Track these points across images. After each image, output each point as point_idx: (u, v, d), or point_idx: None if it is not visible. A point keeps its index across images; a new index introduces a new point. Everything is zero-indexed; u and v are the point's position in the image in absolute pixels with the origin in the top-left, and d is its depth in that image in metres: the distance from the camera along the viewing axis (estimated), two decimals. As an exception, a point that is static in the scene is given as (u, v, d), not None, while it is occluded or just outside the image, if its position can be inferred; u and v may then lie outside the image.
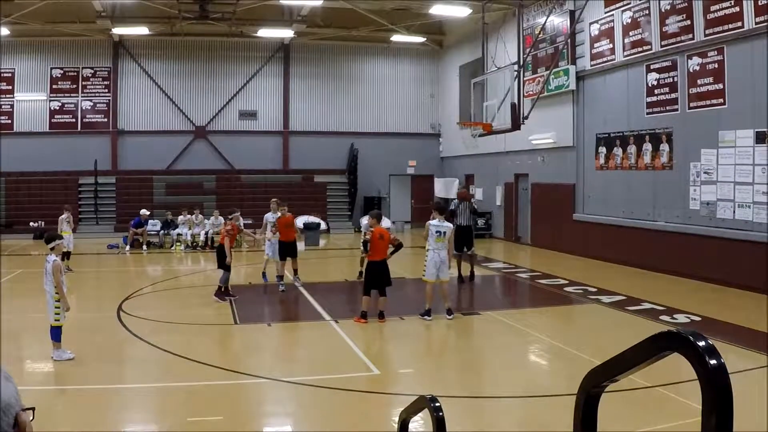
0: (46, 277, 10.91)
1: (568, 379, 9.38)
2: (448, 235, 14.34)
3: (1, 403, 1.80)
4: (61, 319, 10.81)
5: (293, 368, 11.03)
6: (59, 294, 10.76)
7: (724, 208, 17.95)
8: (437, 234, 14.20)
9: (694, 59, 18.85)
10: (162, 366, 10.89)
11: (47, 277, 10.86)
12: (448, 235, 14.34)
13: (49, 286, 10.82)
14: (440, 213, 14.59)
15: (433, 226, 14.28)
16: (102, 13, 30.09)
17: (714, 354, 1.89)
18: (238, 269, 20.85)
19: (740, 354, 10.89)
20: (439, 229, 14.24)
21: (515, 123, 21.82)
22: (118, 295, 16.64)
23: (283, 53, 36.38)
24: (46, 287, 10.93)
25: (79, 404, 9.14)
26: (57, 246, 11.12)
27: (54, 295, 10.79)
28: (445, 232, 14.30)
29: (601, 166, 23.42)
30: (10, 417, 1.81)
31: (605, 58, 22.83)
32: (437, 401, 4.00)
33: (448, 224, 14.61)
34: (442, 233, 14.24)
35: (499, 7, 27.43)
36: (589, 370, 2.36)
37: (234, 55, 36.02)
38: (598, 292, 17.22)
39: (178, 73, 35.46)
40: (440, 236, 14.20)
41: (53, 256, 10.98)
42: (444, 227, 14.33)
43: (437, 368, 11.46)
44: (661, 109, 20.34)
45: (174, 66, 35.45)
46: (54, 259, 10.93)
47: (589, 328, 14.20)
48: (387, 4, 30.46)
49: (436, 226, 14.27)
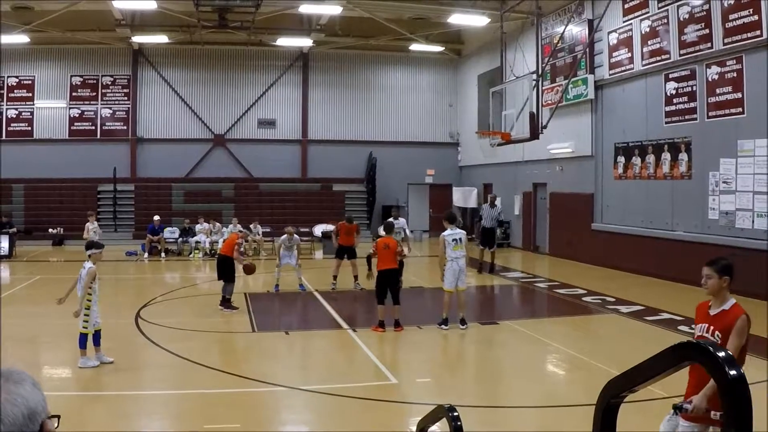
0: (79, 283, 11.00)
1: (586, 389, 9.34)
2: (464, 241, 14.28)
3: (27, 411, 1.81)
4: (90, 327, 10.86)
5: (310, 376, 11.03)
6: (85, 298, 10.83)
7: (743, 218, 17.85)
8: (454, 242, 14.11)
9: (713, 68, 18.78)
10: (179, 373, 10.93)
11: (80, 283, 10.95)
12: (464, 242, 14.28)
13: (82, 292, 10.90)
14: (451, 222, 14.54)
15: (448, 236, 14.19)
16: (122, 22, 30.29)
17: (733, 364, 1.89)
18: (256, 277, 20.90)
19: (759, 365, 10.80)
20: (454, 237, 14.17)
21: (534, 132, 21.81)
22: (136, 302, 16.73)
23: (302, 62, 36.46)
24: (79, 293, 11.01)
25: (97, 410, 9.18)
26: (94, 254, 11.20)
27: (85, 302, 10.85)
28: (461, 238, 14.23)
29: (620, 175, 23.34)
30: (36, 424, 1.82)
31: (624, 67, 22.77)
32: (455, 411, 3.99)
33: (461, 231, 14.53)
34: (459, 240, 14.17)
35: (517, 16, 27.41)
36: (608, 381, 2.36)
37: (253, 64, 36.14)
38: (617, 302, 17.15)
39: (197, 82, 35.61)
40: (457, 244, 14.12)
41: (90, 263, 11.07)
42: (458, 234, 14.26)
43: (455, 377, 11.44)
44: (679, 119, 20.26)
45: (193, 74, 35.60)
46: (90, 266, 11.01)
47: (608, 338, 14.12)
48: (406, 13, 30.53)
49: (451, 235, 14.20)
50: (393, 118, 37.48)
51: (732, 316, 5.54)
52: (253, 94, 36.11)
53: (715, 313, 5.69)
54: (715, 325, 5.62)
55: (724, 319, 5.56)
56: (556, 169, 27.51)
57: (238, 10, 28.81)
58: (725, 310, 5.64)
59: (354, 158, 36.37)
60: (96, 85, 34.60)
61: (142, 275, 23.69)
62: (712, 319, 5.68)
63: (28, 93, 33.96)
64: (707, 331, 5.64)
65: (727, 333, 5.46)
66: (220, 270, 16.42)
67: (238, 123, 35.98)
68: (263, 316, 15.77)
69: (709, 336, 5.58)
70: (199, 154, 35.46)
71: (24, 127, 33.89)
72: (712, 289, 5.71)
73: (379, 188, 35.89)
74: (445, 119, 38.17)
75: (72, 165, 33.30)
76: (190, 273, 24.22)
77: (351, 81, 37.12)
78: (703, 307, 5.86)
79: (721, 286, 5.69)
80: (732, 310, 5.61)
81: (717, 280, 5.69)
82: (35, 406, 1.83)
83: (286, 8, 29.28)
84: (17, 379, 1.87)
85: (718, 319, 5.64)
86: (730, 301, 5.69)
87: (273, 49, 35.12)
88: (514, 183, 31.10)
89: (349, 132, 37.09)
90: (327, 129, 36.88)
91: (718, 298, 5.73)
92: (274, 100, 36.42)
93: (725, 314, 5.60)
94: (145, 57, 34.99)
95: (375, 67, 37.42)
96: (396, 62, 37.43)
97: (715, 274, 5.70)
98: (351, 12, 29.41)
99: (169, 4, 28.67)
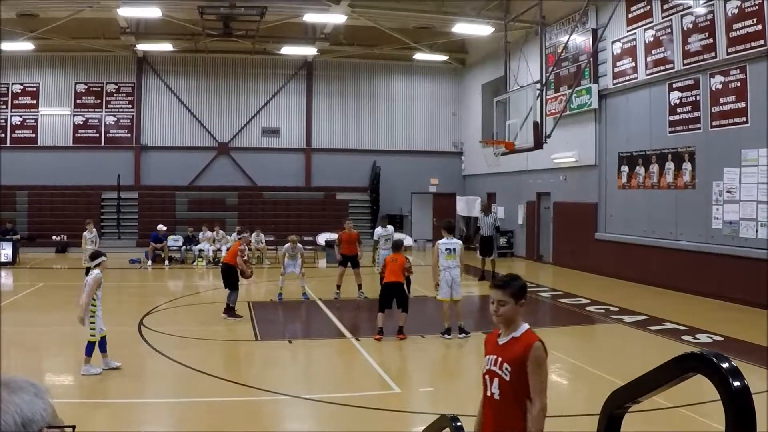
0: (84, 290, 11.06)
1: (589, 399, 9.33)
2: (458, 251, 14.16)
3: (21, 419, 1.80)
4: (96, 335, 10.89)
5: (313, 385, 11.03)
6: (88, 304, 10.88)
7: (746, 228, 17.83)
8: (447, 252, 14.05)
9: (717, 78, 18.79)
10: (182, 381, 10.93)
11: (85, 290, 11.00)
12: (458, 252, 14.15)
13: (87, 298, 10.94)
14: (449, 232, 14.55)
15: (442, 245, 14.17)
16: (126, 29, 30.37)
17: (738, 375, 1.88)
18: (260, 285, 20.89)
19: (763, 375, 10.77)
20: (448, 246, 14.11)
21: (537, 142, 21.80)
22: (139, 309, 16.71)
23: (306, 71, 36.54)
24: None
25: (99, 418, 9.17)
26: (103, 263, 11.32)
27: (90, 309, 10.89)
28: (455, 248, 14.14)
29: (624, 185, 23.33)
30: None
31: (628, 77, 22.79)
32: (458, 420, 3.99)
33: (457, 241, 14.49)
34: (452, 250, 14.08)
35: (521, 25, 27.42)
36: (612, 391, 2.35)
37: (257, 72, 36.23)
38: (620, 311, 17.11)
39: (201, 90, 35.70)
40: (450, 253, 14.03)
41: (97, 270, 11.15)
42: (453, 244, 14.21)
43: (458, 387, 11.41)
44: (683, 128, 20.26)
45: (197, 82, 35.69)
46: (96, 273, 11.09)
47: (611, 348, 14.09)
48: (410, 22, 30.60)
49: (445, 244, 14.16)
50: (397, 127, 37.52)
51: (523, 345, 4.60)
52: (257, 102, 36.18)
53: (504, 342, 4.68)
54: (503, 355, 4.61)
55: (514, 348, 4.60)
56: (559, 178, 27.51)
57: (242, 18, 28.87)
58: (515, 337, 4.66)
59: (358, 167, 36.38)
60: (100, 93, 34.68)
61: (146, 283, 23.70)
62: (501, 349, 4.66)
63: (32, 100, 34.07)
64: (495, 364, 4.61)
65: (518, 364, 4.52)
66: (225, 279, 16.44)
67: (242, 131, 36.03)
68: (266, 325, 15.76)
69: (497, 369, 4.58)
70: (203, 162, 35.51)
71: (28, 134, 33.98)
72: (506, 317, 4.68)
73: (382, 197, 35.91)
74: (448, 128, 38.20)
75: (76, 172, 33.36)
76: (193, 281, 24.21)
77: (355, 90, 37.19)
78: (493, 337, 4.84)
79: (517, 312, 4.72)
80: (523, 338, 4.65)
81: (513, 306, 4.69)
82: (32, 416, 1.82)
83: (291, 17, 29.37)
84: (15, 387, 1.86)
85: (506, 348, 4.64)
86: (522, 327, 4.72)
87: (277, 57, 35.21)
88: (517, 192, 31.10)
89: (353, 141, 37.13)
90: (331, 137, 36.91)
91: (510, 325, 4.72)
92: (279, 108, 36.48)
93: (515, 342, 4.64)
94: (150, 65, 35.07)
95: (379, 76, 37.48)
96: (400, 71, 37.50)
97: (511, 299, 4.68)
98: (355, 21, 29.47)
99: (174, 13, 28.75)
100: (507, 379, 4.50)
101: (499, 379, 4.52)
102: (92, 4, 26.34)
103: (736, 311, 16.83)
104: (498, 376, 4.53)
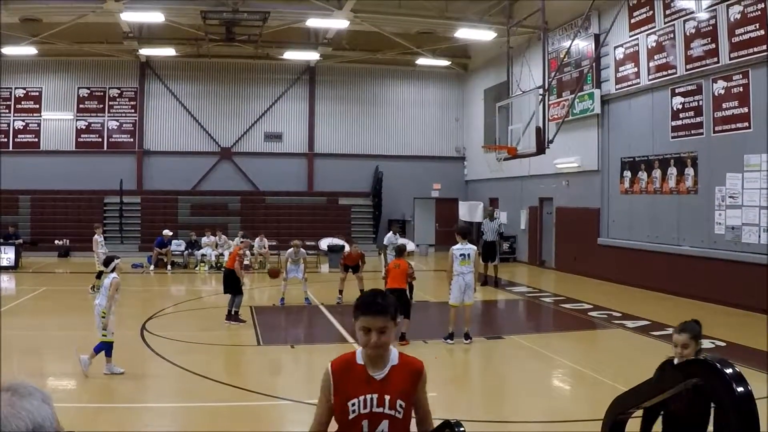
0: (102, 294, 11.26)
1: (592, 404, 9.31)
2: (472, 257, 14.17)
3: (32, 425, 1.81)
4: (108, 335, 11.02)
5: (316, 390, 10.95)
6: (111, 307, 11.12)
7: (749, 233, 17.82)
8: (461, 257, 14.04)
9: (719, 83, 18.79)
10: (185, 386, 10.91)
11: (103, 295, 11.20)
12: (473, 257, 14.18)
13: (101, 299, 11.14)
14: (463, 237, 14.46)
15: (456, 250, 14.13)
16: (129, 34, 30.41)
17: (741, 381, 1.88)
18: (262, 290, 20.88)
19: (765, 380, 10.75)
20: (462, 251, 14.09)
21: (540, 147, 21.79)
22: (141, 314, 16.72)
23: (309, 75, 36.59)
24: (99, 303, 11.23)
25: (101, 422, 9.15)
26: (118, 266, 11.53)
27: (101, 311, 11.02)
28: (469, 254, 14.13)
29: (626, 190, 23.32)
30: None
31: (630, 82, 22.79)
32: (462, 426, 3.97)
33: (471, 246, 14.44)
34: (467, 255, 14.08)
35: (524, 31, 27.45)
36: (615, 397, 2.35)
37: (260, 77, 36.28)
38: (623, 316, 17.11)
39: (204, 95, 35.76)
40: (465, 259, 14.05)
41: (114, 274, 11.33)
42: (467, 249, 14.17)
43: (461, 392, 11.39)
44: (686, 133, 20.26)
45: (200, 87, 35.75)
46: (114, 277, 11.27)
47: (614, 353, 14.07)
48: (413, 27, 30.65)
49: (459, 249, 14.13)
50: (399, 132, 37.56)
51: (409, 371, 3.97)
52: (259, 107, 36.24)
53: (384, 375, 3.87)
54: (389, 391, 3.85)
55: (399, 379, 3.90)
56: (562, 183, 27.51)
57: (245, 23, 28.90)
58: (395, 366, 3.93)
59: (360, 172, 36.43)
60: (103, 98, 34.74)
61: (148, 288, 23.68)
62: (381, 384, 3.85)
63: (35, 105, 34.14)
64: (380, 405, 3.84)
65: (410, 395, 3.94)
66: (226, 283, 16.43)
67: (244, 136, 36.08)
68: (269, 330, 15.75)
69: (385, 410, 3.84)
70: (205, 167, 35.56)
71: (31, 138, 34.05)
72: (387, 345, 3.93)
73: (385, 202, 35.93)
74: (451, 133, 38.23)
75: (78, 177, 33.40)
76: (195, 286, 24.21)
77: (358, 95, 37.23)
78: (351, 374, 3.97)
79: (390, 338, 3.94)
80: (404, 363, 3.99)
81: (392, 330, 3.97)
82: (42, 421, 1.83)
83: (294, 22, 29.38)
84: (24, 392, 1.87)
85: (389, 382, 3.87)
86: (393, 351, 4.00)
87: (280, 62, 35.22)
88: (520, 197, 31.11)
89: (356, 146, 37.17)
90: (333, 142, 36.95)
91: (382, 357, 3.94)
92: (281, 113, 36.52)
93: (397, 372, 3.92)
94: (153, 69, 35.13)
95: (382, 81, 37.52)
96: (402, 76, 37.54)
97: (390, 322, 3.91)
98: (358, 26, 29.48)
99: (177, 18, 28.75)
100: (400, 417, 3.87)
101: (390, 419, 3.83)
102: (95, 8, 26.36)
103: (738, 316, 16.81)
104: (388, 417, 3.83)
